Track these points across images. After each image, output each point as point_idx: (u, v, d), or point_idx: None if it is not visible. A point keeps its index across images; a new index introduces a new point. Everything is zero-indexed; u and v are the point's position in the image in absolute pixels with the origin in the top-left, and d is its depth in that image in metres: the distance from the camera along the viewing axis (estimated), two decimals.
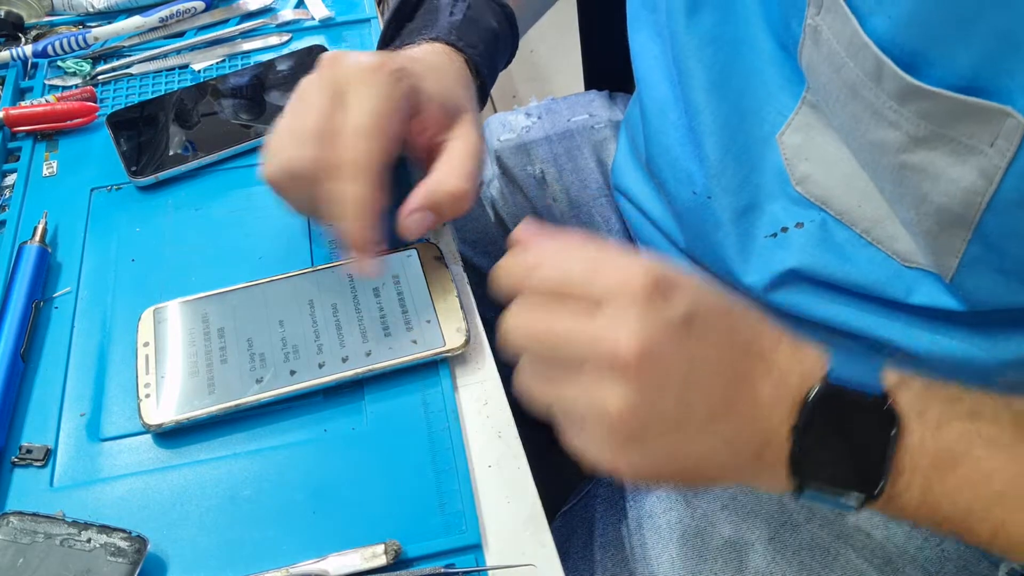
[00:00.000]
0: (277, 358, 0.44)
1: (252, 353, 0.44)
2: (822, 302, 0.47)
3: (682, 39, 0.46)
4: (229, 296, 0.47)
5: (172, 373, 0.44)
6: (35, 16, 0.69)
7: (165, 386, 0.43)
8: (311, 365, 0.44)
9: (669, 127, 0.51)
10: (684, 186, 0.50)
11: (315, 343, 0.45)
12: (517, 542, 0.40)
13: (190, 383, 0.43)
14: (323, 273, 0.48)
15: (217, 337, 0.45)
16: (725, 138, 0.46)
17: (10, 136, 0.59)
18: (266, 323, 0.45)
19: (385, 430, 0.43)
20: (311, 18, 0.69)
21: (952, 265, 0.39)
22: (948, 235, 0.38)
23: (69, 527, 0.38)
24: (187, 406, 0.42)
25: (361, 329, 0.45)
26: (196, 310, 0.46)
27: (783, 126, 0.44)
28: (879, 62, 0.34)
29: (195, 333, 0.45)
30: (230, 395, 0.43)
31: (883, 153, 0.37)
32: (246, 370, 0.44)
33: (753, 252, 0.48)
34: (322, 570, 0.38)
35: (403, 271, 0.48)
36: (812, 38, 0.38)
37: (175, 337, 0.45)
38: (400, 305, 0.46)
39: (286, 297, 0.47)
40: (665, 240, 0.57)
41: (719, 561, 0.50)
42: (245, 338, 0.45)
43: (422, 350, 0.44)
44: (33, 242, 0.50)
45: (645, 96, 0.53)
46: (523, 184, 0.70)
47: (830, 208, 0.44)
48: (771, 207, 0.46)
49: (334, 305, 0.46)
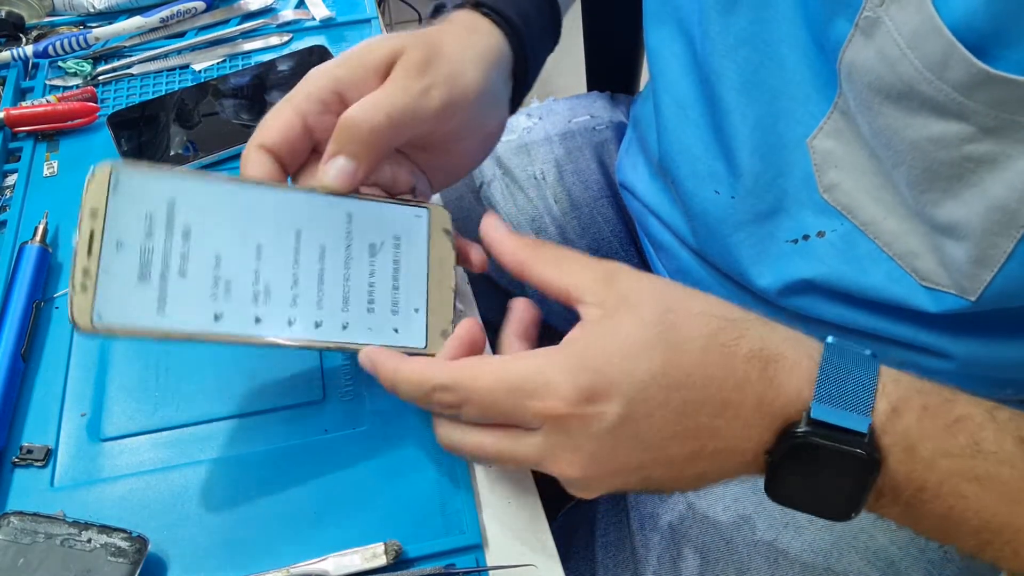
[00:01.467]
0: (244, 295, 0.37)
1: (217, 276, 0.37)
2: (835, 308, 0.47)
3: (715, 38, 0.46)
4: (207, 185, 0.38)
5: (118, 269, 0.35)
6: (36, 16, 0.69)
7: (106, 284, 0.35)
8: (280, 318, 0.38)
9: (690, 125, 0.50)
10: (705, 185, 0.50)
11: (290, 291, 0.38)
12: (517, 542, 0.40)
13: (138, 290, 0.35)
14: (321, 200, 0.40)
15: (181, 239, 0.37)
16: (755, 139, 0.46)
17: (11, 136, 0.59)
18: (241, 242, 0.38)
19: (385, 430, 0.43)
20: (312, 18, 0.69)
21: (985, 278, 0.38)
22: (993, 239, 0.37)
23: (69, 527, 0.38)
24: (129, 318, 0.35)
25: (344, 293, 0.39)
26: (164, 189, 0.37)
27: (815, 130, 0.43)
28: (948, 50, 0.33)
29: (156, 222, 0.36)
30: (182, 322, 0.36)
31: (941, 148, 0.36)
32: (205, 296, 0.36)
33: (771, 256, 0.48)
34: (322, 570, 0.38)
35: (406, 235, 0.41)
36: (865, 33, 0.37)
37: (130, 219, 0.36)
38: (393, 277, 0.41)
39: (271, 214, 0.39)
40: (674, 238, 0.56)
41: (720, 563, 0.50)
42: (213, 252, 0.37)
43: (401, 343, 0.40)
44: (34, 242, 0.50)
45: (662, 93, 0.52)
46: (524, 184, 0.70)
47: (855, 218, 0.43)
48: (796, 212, 0.46)
49: (323, 247, 0.39)
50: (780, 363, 0.33)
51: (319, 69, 0.41)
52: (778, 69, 0.43)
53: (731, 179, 0.48)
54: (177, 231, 0.37)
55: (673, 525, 0.52)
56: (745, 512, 0.51)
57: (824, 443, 0.32)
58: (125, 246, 0.36)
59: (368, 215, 0.41)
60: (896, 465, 0.33)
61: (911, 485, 0.33)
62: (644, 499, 0.55)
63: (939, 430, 0.33)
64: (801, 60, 0.42)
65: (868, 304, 0.45)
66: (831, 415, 0.32)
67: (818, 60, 0.42)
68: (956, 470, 0.32)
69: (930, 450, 0.32)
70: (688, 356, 0.33)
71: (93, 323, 0.34)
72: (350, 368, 0.46)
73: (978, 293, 0.39)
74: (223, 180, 0.39)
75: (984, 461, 0.32)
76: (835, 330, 0.47)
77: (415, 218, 0.42)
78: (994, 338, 0.44)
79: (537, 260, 0.38)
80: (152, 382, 0.45)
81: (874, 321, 0.46)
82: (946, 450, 0.32)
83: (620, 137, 0.73)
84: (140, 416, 0.44)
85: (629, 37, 0.84)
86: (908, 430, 0.33)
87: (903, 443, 0.33)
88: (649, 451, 0.34)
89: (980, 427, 0.33)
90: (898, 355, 0.47)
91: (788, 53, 0.43)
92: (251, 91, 0.61)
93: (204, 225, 0.37)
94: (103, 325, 0.35)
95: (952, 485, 0.32)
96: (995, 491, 0.32)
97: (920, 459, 0.33)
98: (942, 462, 0.32)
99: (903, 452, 0.33)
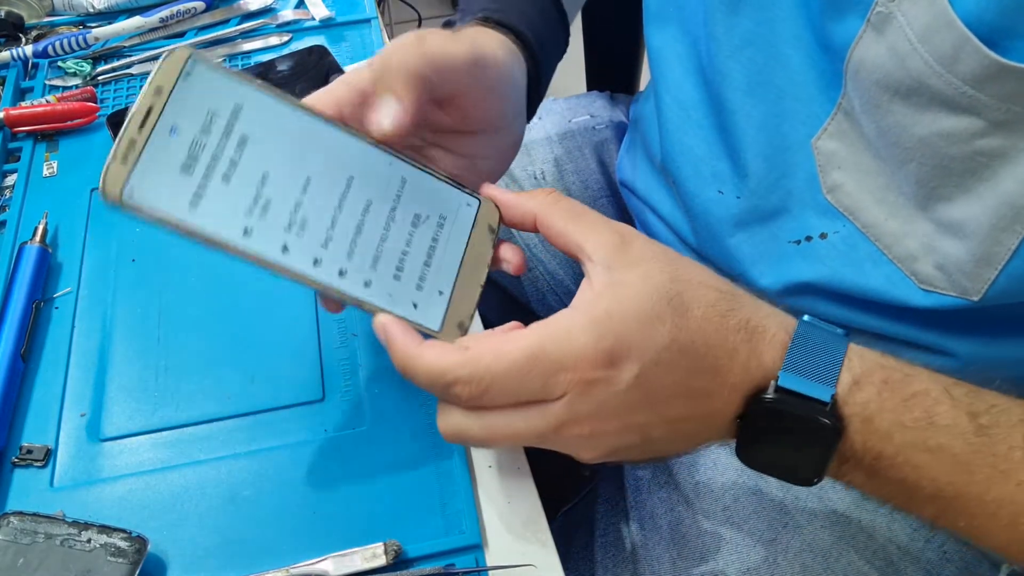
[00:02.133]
0: (279, 219, 0.36)
1: (259, 193, 0.36)
2: (836, 308, 0.47)
3: (720, 39, 0.46)
4: (278, 103, 0.38)
5: (164, 152, 0.34)
6: (35, 16, 0.69)
7: (148, 161, 0.34)
8: (307, 254, 0.37)
9: (693, 126, 0.50)
10: (709, 185, 0.50)
11: (326, 232, 0.37)
12: (517, 542, 0.40)
13: (177, 179, 0.35)
14: (382, 156, 0.39)
15: (236, 144, 0.36)
16: (760, 140, 0.46)
17: (10, 136, 0.59)
18: (293, 169, 0.37)
19: (385, 430, 0.43)
20: (311, 18, 0.69)
21: (988, 277, 0.39)
22: (999, 235, 0.38)
23: (69, 527, 0.38)
24: (159, 202, 0.34)
25: (376, 252, 0.38)
26: (232, 91, 0.36)
27: (819, 131, 0.43)
28: (960, 43, 0.34)
29: (216, 120, 0.36)
30: (210, 224, 0.35)
31: (951, 143, 0.37)
32: (241, 207, 0.36)
33: (773, 256, 0.48)
34: (322, 570, 0.38)
35: (452, 218, 0.41)
36: (877, 28, 0.37)
37: (192, 108, 0.35)
38: (428, 253, 0.40)
39: (332, 153, 0.38)
40: (674, 236, 0.57)
41: (720, 563, 0.50)
42: (262, 169, 0.36)
43: (417, 319, 0.39)
44: (33, 242, 0.50)
45: (664, 94, 0.52)
46: (523, 184, 0.70)
47: (857, 220, 0.44)
48: (799, 213, 0.46)
49: (369, 202, 0.39)
50: (762, 335, 0.36)
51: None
52: (782, 70, 0.44)
53: (736, 179, 0.48)
54: (234, 136, 0.36)
55: (672, 525, 0.52)
56: (744, 512, 0.51)
57: (788, 410, 0.34)
58: (179, 132, 0.35)
59: (422, 186, 0.41)
60: (855, 435, 0.35)
61: (869, 453, 0.35)
62: (644, 499, 0.55)
63: (896, 403, 0.35)
64: (805, 60, 0.43)
65: (869, 305, 0.45)
66: (797, 383, 0.34)
67: (822, 60, 0.42)
68: (910, 441, 0.34)
69: (888, 422, 0.34)
70: (692, 323, 0.35)
71: (122, 196, 0.33)
72: (350, 368, 0.46)
73: (981, 292, 0.40)
74: (296, 104, 0.38)
75: (936, 433, 0.34)
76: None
77: (466, 206, 0.42)
78: (998, 336, 0.44)
79: (555, 210, 0.38)
80: (152, 382, 0.45)
81: (875, 321, 0.46)
82: (901, 423, 0.34)
83: (620, 137, 0.73)
84: (140, 416, 0.44)
85: (629, 37, 0.84)
86: (868, 402, 0.35)
87: (862, 414, 0.35)
88: (656, 409, 0.35)
89: (936, 402, 0.35)
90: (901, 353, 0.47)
91: (792, 54, 0.43)
92: None
93: (262, 140, 0.37)
94: (131, 201, 0.34)
95: (907, 455, 0.34)
96: (947, 462, 0.34)
97: (877, 430, 0.35)
98: (897, 434, 0.34)
99: (862, 423, 0.35)
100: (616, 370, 0.33)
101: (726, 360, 0.35)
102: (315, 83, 0.46)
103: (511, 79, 0.43)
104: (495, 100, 0.42)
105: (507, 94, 0.43)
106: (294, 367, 0.44)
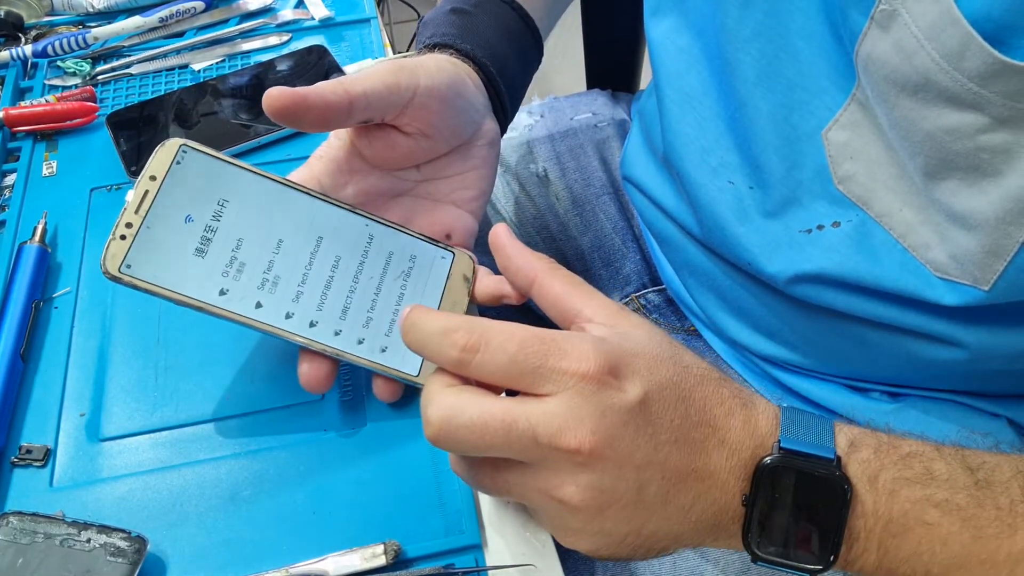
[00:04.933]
0: (252, 280, 0.40)
1: (234, 256, 0.40)
2: (846, 297, 0.47)
3: (730, 31, 0.46)
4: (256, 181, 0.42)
5: (158, 229, 0.39)
6: (35, 16, 0.69)
7: (145, 239, 0.39)
8: (279, 309, 0.41)
9: (696, 117, 0.50)
10: (717, 176, 0.50)
11: (296, 288, 0.41)
12: (517, 542, 0.40)
13: (167, 254, 0.39)
14: (352, 217, 0.44)
15: (214, 218, 0.41)
16: (770, 131, 0.46)
17: (10, 136, 0.59)
18: (266, 232, 0.41)
19: (385, 430, 0.43)
20: (311, 18, 0.69)
21: (998, 268, 0.39)
22: (1007, 228, 0.37)
23: (69, 527, 0.37)
24: (152, 276, 0.39)
25: (345, 303, 0.42)
26: (218, 175, 0.41)
27: (830, 122, 0.43)
28: (965, 41, 0.34)
29: (204, 201, 0.41)
30: (191, 287, 0.39)
31: (956, 139, 0.37)
32: (217, 272, 0.40)
33: (783, 245, 0.48)
34: (322, 570, 0.38)
35: (423, 270, 0.44)
36: (882, 25, 0.37)
37: (184, 191, 0.40)
38: (396, 303, 0.43)
39: (301, 217, 0.42)
40: (679, 230, 0.56)
41: (720, 563, 0.50)
42: (236, 236, 0.41)
43: (393, 364, 0.42)
44: (33, 242, 0.50)
45: (665, 86, 0.52)
46: (525, 182, 0.70)
47: (870, 209, 0.43)
48: (809, 203, 0.46)
49: (338, 258, 0.43)
50: (755, 405, 0.36)
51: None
52: (793, 61, 0.44)
53: (748, 169, 0.48)
54: (214, 211, 0.41)
55: None
56: None
57: (797, 467, 0.34)
58: (171, 214, 0.40)
59: (391, 242, 0.44)
60: (864, 495, 0.34)
61: (879, 520, 0.34)
62: None
63: (895, 460, 0.35)
64: (817, 52, 0.43)
65: (879, 294, 0.45)
66: (799, 444, 0.34)
67: (835, 52, 0.42)
68: (916, 497, 0.34)
69: (890, 479, 0.34)
70: (692, 378, 0.35)
71: (120, 271, 0.38)
72: (350, 368, 0.46)
73: (991, 283, 0.40)
74: (276, 180, 0.43)
75: (939, 488, 0.34)
76: (844, 318, 0.47)
77: (440, 259, 0.45)
78: (1007, 327, 0.44)
79: (554, 276, 0.38)
80: (151, 382, 0.45)
81: (884, 310, 0.46)
82: (905, 478, 0.34)
83: (622, 134, 0.73)
84: (139, 416, 0.44)
85: (628, 36, 0.84)
86: (868, 461, 0.35)
87: (867, 472, 0.34)
88: (657, 450, 0.33)
89: (931, 459, 0.35)
90: (909, 345, 0.47)
91: (803, 45, 0.43)
92: (250, 91, 0.61)
93: (238, 211, 0.41)
94: (129, 275, 0.38)
95: (916, 513, 0.34)
96: (955, 516, 0.34)
97: (882, 488, 0.34)
98: (902, 490, 0.34)
99: (867, 482, 0.34)
100: (619, 382, 0.33)
101: (723, 418, 0.35)
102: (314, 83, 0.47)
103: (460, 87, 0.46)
104: (436, 115, 0.45)
105: (450, 105, 0.46)
106: (294, 367, 0.43)
